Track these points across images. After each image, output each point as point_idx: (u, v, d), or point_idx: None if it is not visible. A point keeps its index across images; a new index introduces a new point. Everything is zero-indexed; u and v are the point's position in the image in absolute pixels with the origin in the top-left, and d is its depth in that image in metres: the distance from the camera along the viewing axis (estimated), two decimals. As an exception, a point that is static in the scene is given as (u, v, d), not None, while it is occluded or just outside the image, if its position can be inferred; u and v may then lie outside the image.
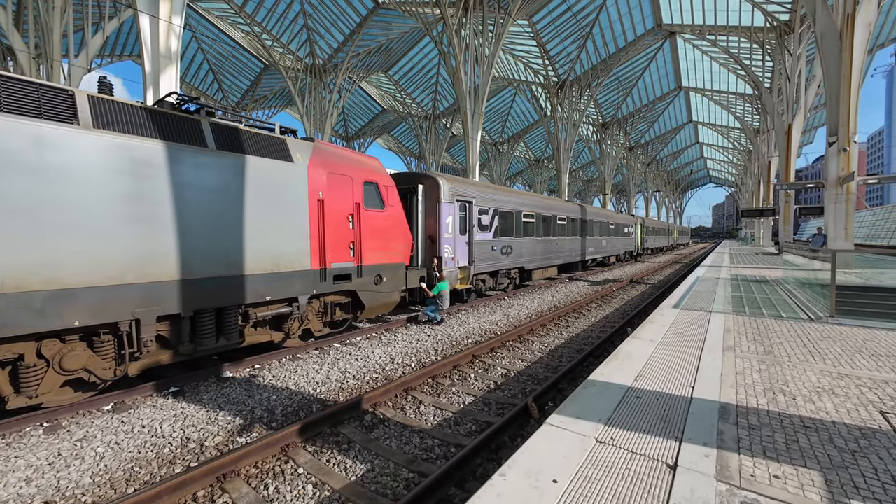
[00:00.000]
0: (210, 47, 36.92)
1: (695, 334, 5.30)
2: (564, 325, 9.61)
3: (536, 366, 6.60)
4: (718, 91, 43.87)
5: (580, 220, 18.93)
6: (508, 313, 10.77)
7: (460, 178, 10.89)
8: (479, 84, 24.50)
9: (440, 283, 9.36)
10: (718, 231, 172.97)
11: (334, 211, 7.09)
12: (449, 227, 10.08)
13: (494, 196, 12.02)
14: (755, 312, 6.80)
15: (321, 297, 7.16)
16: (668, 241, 47.83)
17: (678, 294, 8.95)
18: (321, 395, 5.32)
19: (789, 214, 26.41)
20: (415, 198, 9.96)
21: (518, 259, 13.43)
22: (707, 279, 11.70)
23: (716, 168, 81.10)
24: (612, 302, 12.89)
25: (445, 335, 8.43)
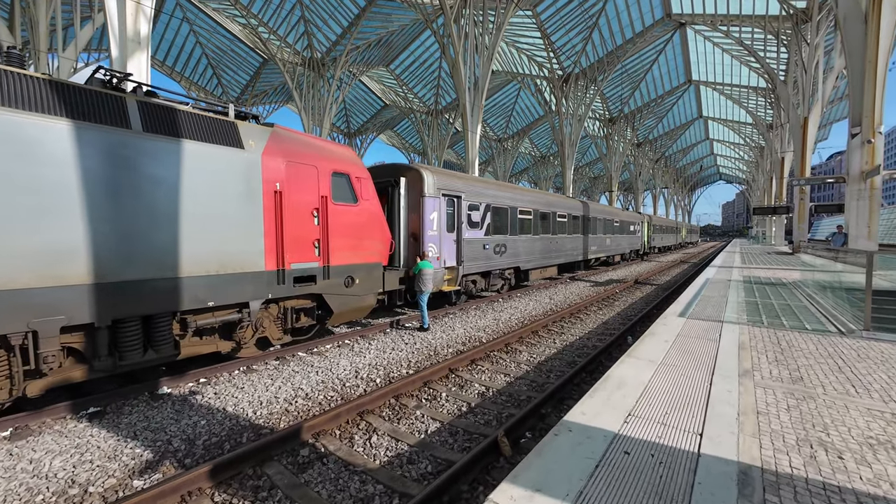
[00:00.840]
0: (208, 41, 36.36)
1: (704, 352, 4.43)
2: (559, 331, 8.75)
3: (520, 382, 5.77)
4: (730, 85, 42.43)
5: (582, 217, 17.99)
6: (499, 318, 9.93)
7: (447, 171, 10.06)
8: (478, 76, 23.59)
9: (421, 262, 8.55)
10: (728, 229, 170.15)
11: (295, 205, 6.30)
12: (434, 224, 9.26)
13: (486, 191, 11.17)
14: (774, 323, 5.89)
15: (280, 301, 6.39)
16: (676, 239, 46.56)
17: (685, 298, 8.05)
18: (261, 419, 4.54)
19: (804, 212, 25.17)
20: (396, 192, 9.15)
21: (513, 258, 12.57)
22: (717, 281, 10.75)
23: (726, 165, 79.22)
24: (614, 305, 11.98)
25: (425, 343, 7.63)
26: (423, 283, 8.44)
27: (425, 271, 8.46)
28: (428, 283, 8.47)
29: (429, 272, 8.49)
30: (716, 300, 7.86)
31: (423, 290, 8.46)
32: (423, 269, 8.47)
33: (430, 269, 8.52)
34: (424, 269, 8.46)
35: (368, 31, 32.38)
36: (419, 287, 8.47)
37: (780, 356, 4.31)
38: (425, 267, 8.49)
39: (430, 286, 8.54)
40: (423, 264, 8.52)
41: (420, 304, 8.55)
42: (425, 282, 8.45)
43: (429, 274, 8.48)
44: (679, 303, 7.58)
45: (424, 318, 8.58)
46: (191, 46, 37.12)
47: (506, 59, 37.92)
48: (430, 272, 8.52)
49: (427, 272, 8.47)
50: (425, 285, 8.46)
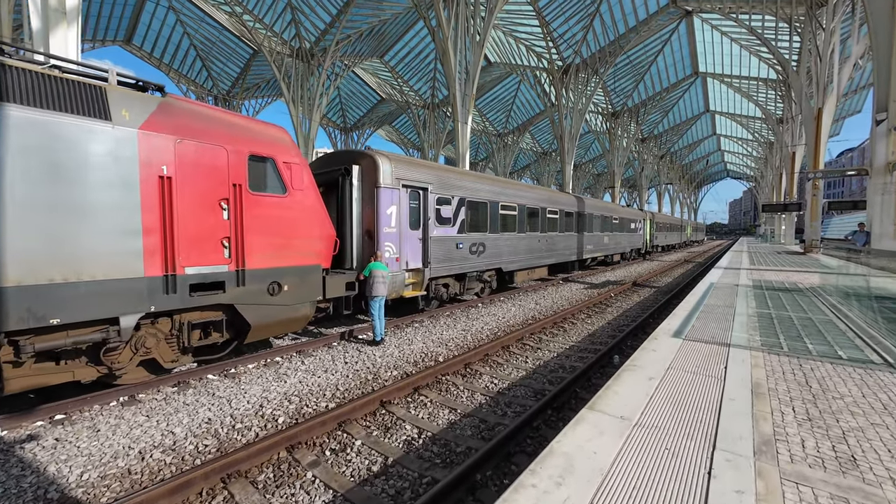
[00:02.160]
0: (196, 31, 35.23)
1: (702, 400, 3.12)
2: (535, 346, 7.44)
3: (466, 423, 4.48)
4: (738, 77, 40.69)
5: (577, 213, 16.62)
6: (470, 328, 8.64)
7: (410, 159, 8.75)
8: (470, 63, 22.22)
9: (373, 262, 7.28)
10: (735, 227, 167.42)
11: (192, 194, 5.04)
12: (392, 220, 7.97)
13: (460, 182, 9.85)
14: (796, 347, 4.55)
15: (173, 314, 5.14)
16: (680, 238, 44.95)
17: (684, 309, 6.71)
18: (74, 492, 3.29)
19: (817, 209, 23.57)
20: (347, 182, 7.87)
21: (494, 259, 11.26)
22: (723, 286, 9.38)
23: (734, 161, 77.16)
24: (606, 312, 10.64)
25: (369, 363, 6.36)
26: (375, 288, 7.16)
27: (376, 274, 7.18)
28: (380, 287, 7.19)
29: (380, 275, 7.20)
30: (721, 311, 6.51)
31: (375, 296, 7.19)
32: (374, 271, 7.19)
33: (382, 272, 7.24)
34: (375, 272, 7.18)
35: (359, 20, 31.07)
36: (369, 293, 7.19)
37: (814, 408, 2.99)
38: (377, 269, 7.21)
39: (383, 291, 7.26)
40: (375, 266, 7.24)
41: (372, 314, 7.27)
42: (377, 287, 7.17)
43: (381, 277, 7.20)
44: (676, 315, 6.24)
45: (377, 329, 7.31)
46: (178, 37, 36.06)
47: (503, 50, 36.44)
48: (383, 275, 7.24)
49: (379, 275, 7.19)
50: (377, 291, 7.17)
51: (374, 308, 7.24)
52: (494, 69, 40.43)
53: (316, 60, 32.25)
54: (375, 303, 7.23)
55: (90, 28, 32.67)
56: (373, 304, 7.22)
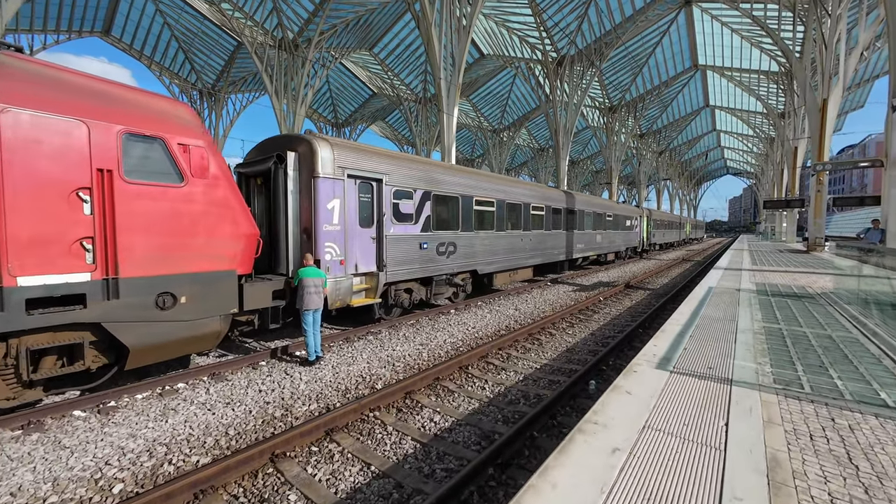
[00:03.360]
0: (176, 22, 33.92)
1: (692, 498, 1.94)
2: (500, 366, 6.26)
3: (374, 491, 3.30)
4: (739, 70, 39.45)
5: (566, 210, 15.42)
6: (431, 342, 7.46)
7: (360, 145, 7.53)
8: (455, 51, 20.97)
9: (304, 268, 6.10)
10: (735, 225, 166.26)
11: (27, 182, 3.85)
12: (334, 216, 6.77)
13: (423, 174, 8.64)
14: (823, 385, 3.38)
15: (6, 338, 3.96)
16: (679, 235, 43.76)
17: (676, 322, 5.53)
18: None
19: (821, 205, 22.37)
20: (281, 171, 6.67)
21: (467, 260, 10.07)
22: (723, 291, 8.20)
23: (734, 158, 75.93)
24: (592, 320, 9.46)
25: (286, 393, 5.17)
26: (306, 299, 5.97)
27: (308, 283, 5.99)
28: (313, 298, 6.00)
29: (313, 283, 6.02)
30: (720, 327, 5.33)
31: (307, 307, 6.00)
32: (305, 279, 6.00)
33: (315, 280, 6.05)
34: (307, 280, 5.99)
35: (344, 9, 29.78)
36: (300, 304, 6.01)
37: (871, 518, 1.82)
38: (308, 276, 6.02)
39: (317, 303, 6.08)
40: (306, 272, 6.04)
41: (304, 329, 6.09)
42: (308, 298, 5.98)
43: (313, 286, 6.02)
44: (665, 332, 5.06)
45: (310, 346, 6.13)
46: (158, 28, 34.75)
47: (496, 41, 35.15)
48: (316, 283, 6.06)
49: (311, 283, 6.00)
50: (309, 302, 5.99)
51: (307, 323, 6.06)
52: (488, 62, 39.16)
53: (300, 51, 30.97)
54: (308, 316, 6.05)
55: (65, 19, 31.36)
56: (305, 317, 6.04)
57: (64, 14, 31.20)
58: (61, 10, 30.67)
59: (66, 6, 30.57)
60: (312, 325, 6.11)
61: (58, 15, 30.99)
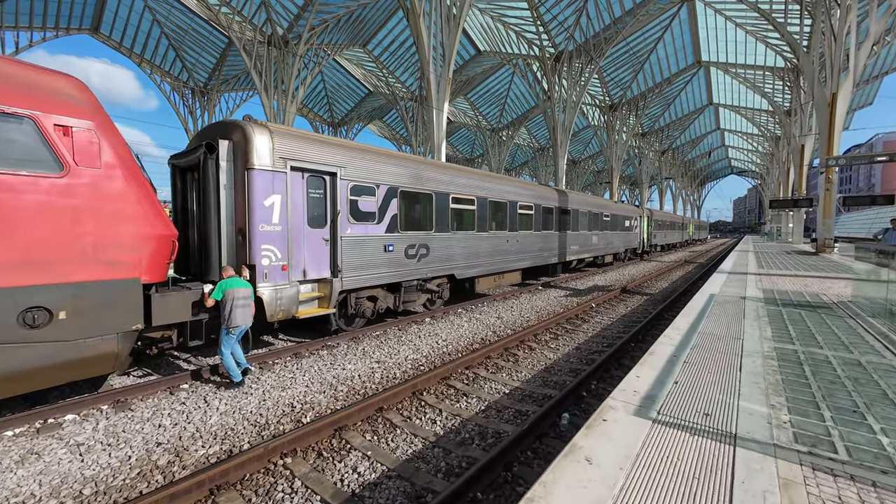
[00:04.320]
0: (166, 19, 33.21)
1: None
2: (460, 391, 5.31)
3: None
4: (743, 66, 38.33)
5: (558, 209, 14.45)
6: (389, 359, 6.53)
7: (307, 134, 6.61)
8: (445, 41, 20.05)
9: (226, 279, 5.17)
10: (739, 225, 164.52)
11: None
12: (273, 214, 5.86)
13: (388, 167, 7.71)
14: (863, 444, 2.43)
15: None
16: (682, 236, 42.61)
17: (669, 342, 4.58)
18: None
19: (830, 204, 21.27)
20: (212, 163, 5.76)
21: (443, 264, 9.13)
22: (726, 300, 7.22)
23: (739, 157, 74.65)
24: (579, 330, 8.50)
25: (189, 430, 4.25)
26: (232, 315, 5.05)
27: (235, 294, 5.07)
28: (239, 314, 5.07)
29: (241, 296, 5.10)
30: (722, 349, 4.37)
31: (236, 324, 5.08)
32: (230, 290, 5.07)
33: (243, 290, 5.14)
34: (233, 292, 5.07)
35: (334, 3, 28.95)
36: (225, 321, 5.08)
37: None
38: (234, 287, 5.10)
39: (247, 317, 5.17)
40: (230, 283, 5.11)
41: (221, 351, 5.14)
42: (235, 314, 5.05)
43: (242, 299, 5.10)
44: (653, 357, 4.10)
45: (231, 368, 5.16)
46: (148, 25, 34.05)
47: (492, 37, 34.21)
48: (245, 296, 5.14)
49: (238, 295, 5.08)
50: (236, 318, 5.06)
51: (227, 343, 5.12)
52: (484, 59, 38.26)
53: (290, 48, 30.17)
54: (229, 339, 5.11)
55: (51, 15, 30.69)
56: (226, 337, 5.10)
57: (50, 10, 30.53)
58: (47, 7, 30.00)
59: (51, 2, 29.89)
60: (232, 347, 5.18)
61: (44, 11, 30.31)
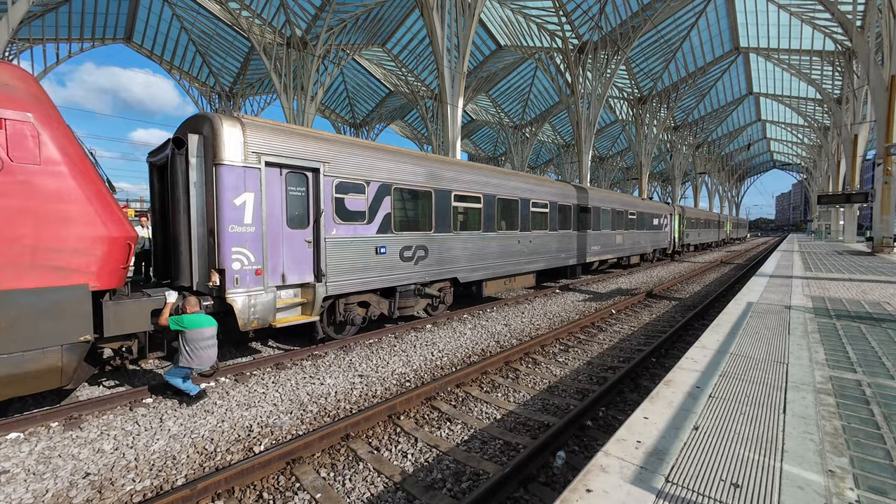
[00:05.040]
0: (192, 25, 34.20)
1: None
2: (444, 415, 4.63)
3: None
4: (788, 50, 35.54)
5: (576, 207, 13.47)
6: (376, 371, 5.93)
7: (285, 126, 6.08)
8: (460, 32, 19.35)
9: (192, 315, 4.69)
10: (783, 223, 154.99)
11: None
12: (245, 214, 5.37)
13: (379, 162, 7.10)
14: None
15: None
16: (718, 235, 40.07)
17: (690, 369, 3.74)
18: None
19: (889, 199, 19.13)
20: (181, 159, 5.34)
21: (443, 266, 8.46)
22: (766, 310, 6.19)
23: (782, 150, 69.90)
24: (594, 341, 7.62)
25: (126, 457, 3.78)
26: (199, 354, 4.59)
27: (202, 334, 4.63)
28: (201, 355, 4.62)
29: (203, 336, 4.65)
30: (761, 378, 3.50)
31: (199, 365, 4.64)
32: (194, 331, 4.60)
33: (210, 331, 4.71)
34: (195, 333, 4.60)
35: (352, 2, 28.82)
36: (188, 360, 4.60)
37: None
38: (201, 327, 4.63)
39: (210, 358, 4.73)
40: (193, 322, 4.60)
41: (168, 380, 4.69)
42: (202, 353, 4.62)
43: (205, 340, 4.65)
44: (669, 388, 3.29)
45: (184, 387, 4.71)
46: (176, 32, 35.22)
47: (513, 30, 33.23)
48: (210, 336, 4.72)
49: (199, 337, 4.62)
50: (196, 360, 4.61)
51: (175, 375, 4.67)
52: (505, 54, 37.31)
53: (309, 49, 30.31)
54: (178, 374, 4.66)
55: (87, 27, 32.15)
56: (174, 372, 4.65)
57: (87, 22, 31.98)
58: (83, 19, 31.43)
59: (87, 14, 31.29)
60: (182, 382, 4.71)
61: (81, 23, 31.78)
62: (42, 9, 29.34)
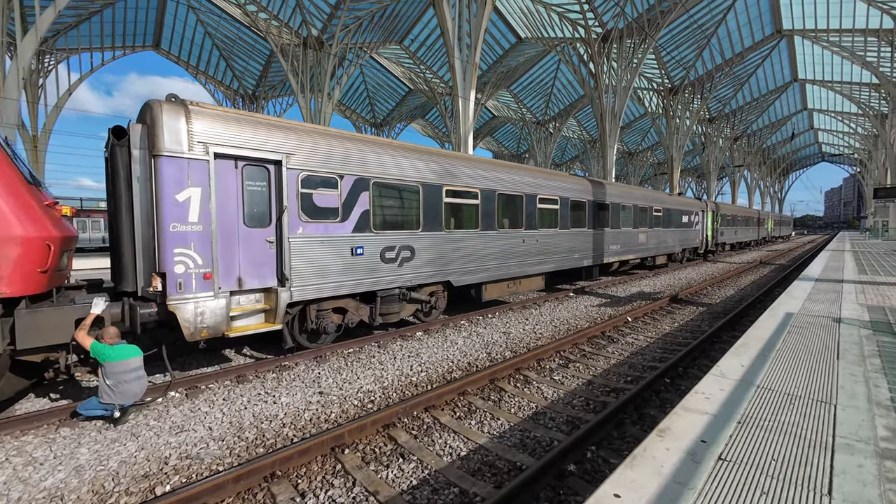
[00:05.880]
0: (216, 30, 34.95)
1: None
2: (398, 450, 3.88)
3: None
4: (838, 30, 32.46)
5: (592, 203, 12.36)
6: (340, 388, 5.25)
7: (242, 113, 5.45)
8: (472, 20, 18.50)
9: (111, 348, 4.14)
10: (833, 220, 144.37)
11: None
12: (190, 211, 4.81)
13: (354, 154, 6.40)
14: None
15: None
16: (757, 233, 37.25)
17: (700, 412, 2.82)
18: None
19: (962, 193, 16.79)
20: (122, 152, 4.83)
21: (434, 268, 7.69)
22: (809, 324, 5.07)
23: (831, 141, 64.62)
24: (600, 355, 6.65)
25: (12, 495, 3.27)
26: (123, 388, 4.08)
27: (126, 366, 4.12)
28: (126, 389, 4.10)
29: (129, 367, 4.13)
30: (797, 431, 2.55)
31: (123, 402, 4.13)
32: (118, 363, 4.07)
33: (133, 362, 4.18)
34: (120, 366, 4.08)
35: (367, 0, 28.48)
36: (111, 396, 4.07)
37: None
38: (122, 359, 4.11)
39: (137, 392, 4.21)
40: (117, 354, 4.08)
41: (81, 410, 4.20)
42: (126, 386, 4.10)
43: (131, 371, 4.14)
44: (663, 446, 2.41)
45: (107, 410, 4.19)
46: (200, 37, 36.12)
47: (533, 22, 31.97)
48: (136, 367, 4.21)
49: (125, 368, 4.10)
50: (128, 392, 4.11)
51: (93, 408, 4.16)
52: (526, 47, 36.05)
53: (326, 48, 30.22)
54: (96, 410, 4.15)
55: (118, 35, 33.40)
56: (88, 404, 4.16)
57: (117, 31, 33.20)
58: (114, 28, 32.65)
59: (118, 23, 32.46)
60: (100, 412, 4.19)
61: (112, 32, 33.06)
62: (75, 19, 30.60)
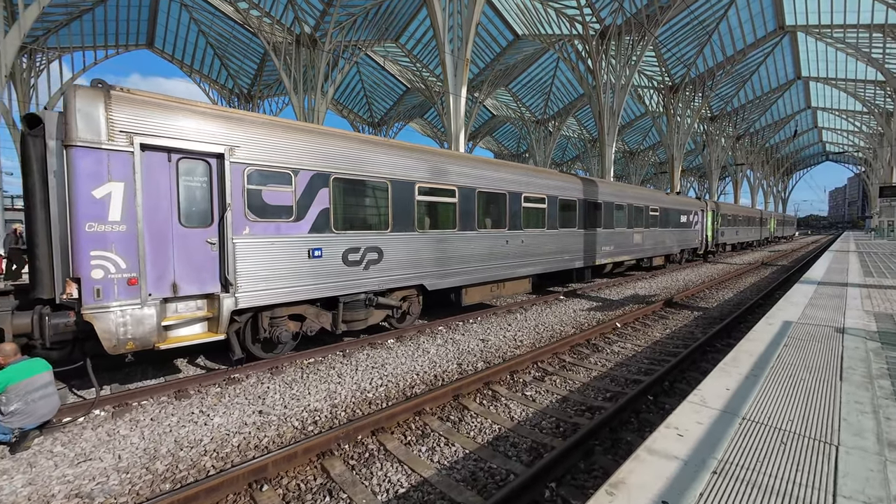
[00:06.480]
0: (209, 29, 34.56)
1: None
2: (325, 486, 3.34)
3: None
4: (843, 26, 31.76)
5: (583, 202, 11.79)
6: (285, 407, 4.72)
7: (173, 100, 4.93)
8: (463, 12, 17.96)
9: (12, 367, 3.66)
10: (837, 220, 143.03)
11: None
12: (111, 209, 4.29)
13: (311, 147, 5.87)
14: None
15: None
16: (760, 233, 36.52)
17: (667, 456, 2.27)
18: None
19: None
20: (35, 143, 4.33)
21: (405, 271, 7.15)
22: (810, 335, 4.51)
23: (836, 140, 63.71)
24: (581, 366, 6.09)
25: None
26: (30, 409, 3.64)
27: (26, 386, 3.65)
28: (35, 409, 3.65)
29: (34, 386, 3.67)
30: (784, 489, 2.00)
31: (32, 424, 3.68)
32: (21, 384, 3.62)
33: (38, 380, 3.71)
34: (22, 386, 3.63)
35: (359, -4, 28.01)
36: (16, 419, 3.60)
37: None
38: (25, 378, 3.66)
39: (47, 410, 3.74)
40: (18, 373, 3.65)
41: None
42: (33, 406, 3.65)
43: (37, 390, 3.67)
44: (641, 491, 1.87)
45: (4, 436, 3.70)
46: (194, 36, 35.73)
47: (530, 19, 31.38)
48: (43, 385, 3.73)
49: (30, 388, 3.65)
50: (35, 412, 3.66)
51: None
52: (524, 44, 35.47)
53: (319, 46, 29.74)
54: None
55: (111, 34, 33.04)
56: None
57: (110, 29, 32.83)
58: (107, 26, 32.29)
59: (110, 21, 32.09)
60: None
61: (104, 31, 32.70)
62: (67, 17, 30.22)
